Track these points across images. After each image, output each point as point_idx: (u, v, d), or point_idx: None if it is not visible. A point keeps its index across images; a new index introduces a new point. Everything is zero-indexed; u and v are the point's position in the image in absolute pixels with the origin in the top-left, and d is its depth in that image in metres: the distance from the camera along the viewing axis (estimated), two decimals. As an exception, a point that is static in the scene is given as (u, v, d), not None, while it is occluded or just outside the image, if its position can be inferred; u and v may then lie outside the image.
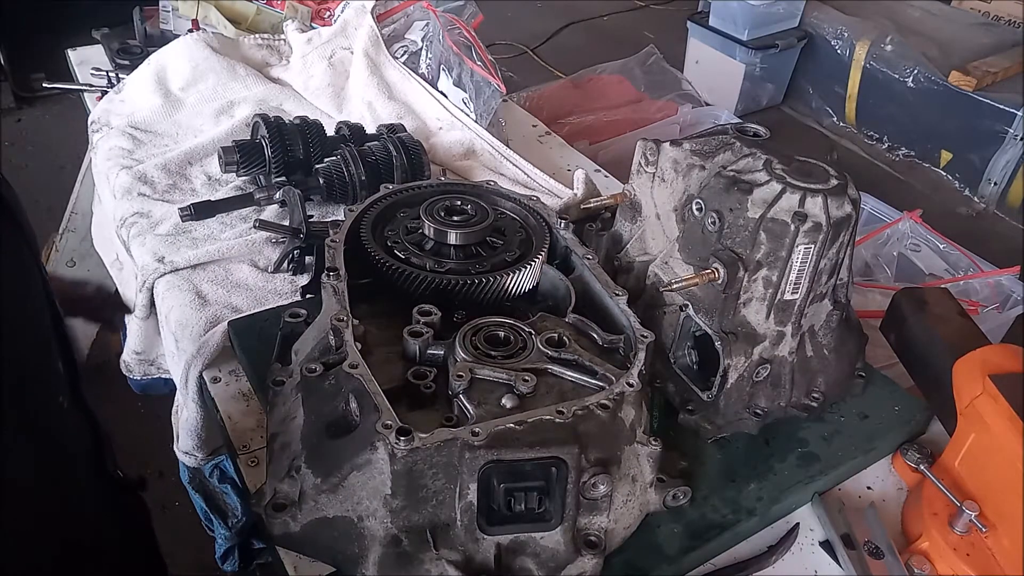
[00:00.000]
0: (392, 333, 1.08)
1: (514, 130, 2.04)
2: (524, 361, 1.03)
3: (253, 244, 1.52)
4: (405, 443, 0.87)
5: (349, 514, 0.93)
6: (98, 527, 1.09)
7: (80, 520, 1.03)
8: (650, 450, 1.02)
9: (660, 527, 1.04)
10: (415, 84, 1.96)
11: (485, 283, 1.15)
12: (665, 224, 1.25)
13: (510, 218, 1.31)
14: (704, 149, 1.20)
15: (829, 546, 1.08)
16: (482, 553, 0.93)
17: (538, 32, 5.35)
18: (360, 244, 1.20)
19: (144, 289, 1.49)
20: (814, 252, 1.07)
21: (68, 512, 1.00)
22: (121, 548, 1.16)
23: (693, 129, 2.45)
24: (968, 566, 1.02)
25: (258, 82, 2.01)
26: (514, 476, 0.90)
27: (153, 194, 1.68)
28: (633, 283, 1.27)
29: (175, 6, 2.18)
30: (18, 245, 0.90)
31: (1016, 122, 3.76)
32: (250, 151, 1.63)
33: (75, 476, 1.03)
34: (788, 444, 1.17)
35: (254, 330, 1.30)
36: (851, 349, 1.24)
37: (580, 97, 2.76)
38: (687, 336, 1.19)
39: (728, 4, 4.36)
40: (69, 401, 1.02)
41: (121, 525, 1.17)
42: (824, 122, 4.64)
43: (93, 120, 1.94)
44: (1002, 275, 1.90)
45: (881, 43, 4.20)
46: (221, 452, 1.48)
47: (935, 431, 1.24)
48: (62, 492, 0.99)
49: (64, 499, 0.99)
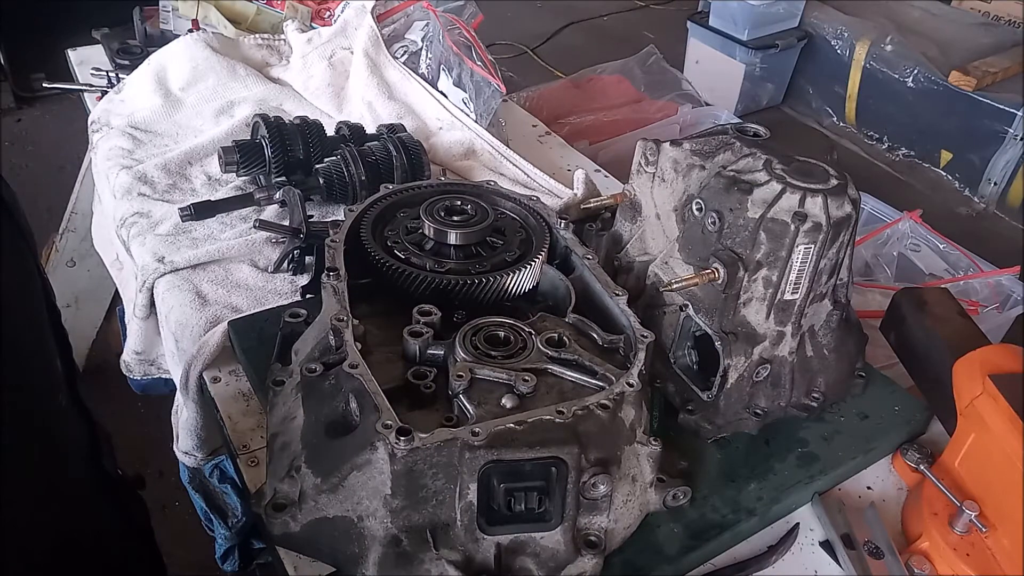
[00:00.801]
0: (392, 333, 1.08)
1: (514, 130, 2.04)
2: (524, 361, 1.03)
3: (253, 244, 1.52)
4: (405, 443, 0.87)
5: (349, 514, 0.93)
6: (96, 525, 1.09)
7: (77, 517, 1.03)
8: (650, 450, 1.02)
9: (660, 527, 1.04)
10: (415, 84, 1.96)
11: (485, 283, 1.15)
12: (665, 224, 1.25)
13: (510, 218, 1.31)
14: (704, 149, 1.20)
15: (829, 546, 1.08)
16: (482, 553, 0.93)
17: (538, 32, 5.35)
18: (360, 244, 1.20)
19: (144, 289, 1.49)
20: (814, 252, 1.07)
21: (65, 510, 1.00)
22: (120, 546, 1.16)
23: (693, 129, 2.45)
24: (968, 566, 1.02)
25: (258, 82, 2.01)
26: (514, 476, 0.90)
27: (153, 194, 1.68)
28: (633, 283, 1.27)
29: (175, 6, 2.18)
30: (17, 245, 0.90)
31: (1016, 122, 3.76)
32: (250, 151, 1.63)
33: (72, 474, 1.04)
34: (788, 444, 1.17)
35: (254, 330, 1.29)
36: (851, 349, 1.24)
37: (580, 97, 2.75)
38: (687, 336, 1.19)
39: (728, 4, 4.36)
40: (67, 400, 1.02)
41: (120, 523, 1.17)
42: (824, 122, 4.64)
43: (93, 120, 1.94)
44: (1002, 275, 1.90)
45: (881, 43, 4.21)
46: (221, 452, 1.48)
47: (935, 431, 1.24)
48: (59, 490, 0.99)
49: (61, 497, 0.99)
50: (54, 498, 0.97)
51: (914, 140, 4.26)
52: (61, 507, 0.99)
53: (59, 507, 0.98)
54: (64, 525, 0.99)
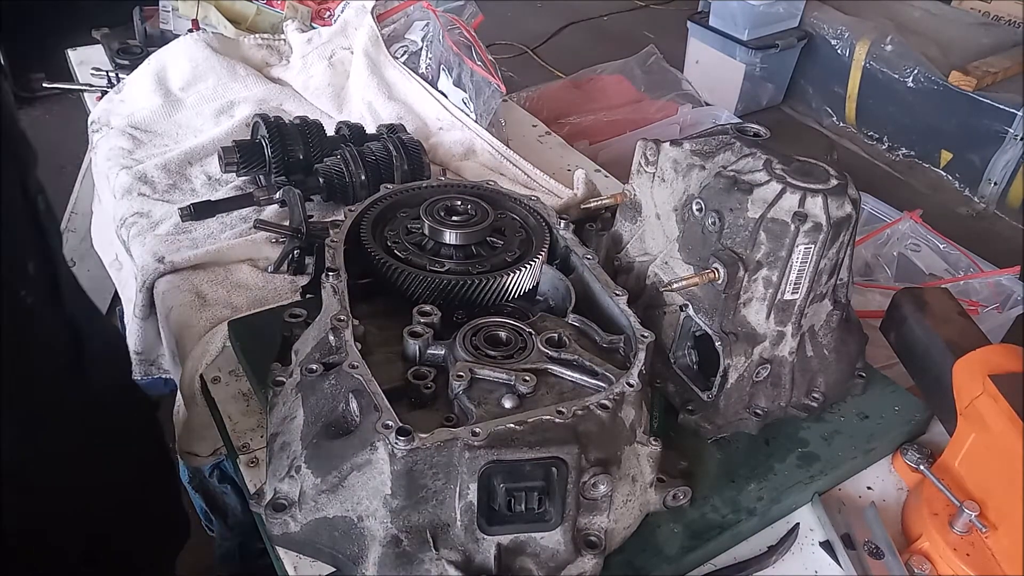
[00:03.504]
0: (392, 333, 1.08)
1: (514, 130, 2.04)
2: (524, 361, 1.03)
3: (253, 244, 1.52)
4: (405, 443, 0.87)
5: (349, 514, 0.93)
6: (78, 426, 1.10)
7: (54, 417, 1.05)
8: (650, 450, 1.02)
9: (660, 527, 1.04)
10: (415, 84, 1.96)
11: (485, 283, 1.15)
12: (665, 224, 1.25)
13: (510, 218, 1.31)
14: (704, 149, 1.20)
15: (829, 546, 1.08)
16: (482, 553, 0.93)
17: (538, 32, 5.35)
18: (360, 244, 1.20)
19: (144, 289, 1.49)
20: (814, 252, 1.07)
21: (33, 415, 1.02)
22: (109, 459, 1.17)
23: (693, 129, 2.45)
24: (968, 566, 1.02)
25: (258, 82, 2.01)
26: (514, 476, 0.90)
27: (153, 194, 1.68)
28: (633, 283, 1.27)
29: (175, 6, 2.18)
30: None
31: (1016, 122, 3.76)
32: (250, 151, 1.63)
33: (43, 379, 1.04)
34: (788, 444, 1.17)
35: (254, 330, 1.29)
36: (851, 349, 1.24)
37: (580, 97, 2.75)
38: (687, 336, 1.19)
39: (728, 4, 4.36)
40: (38, 302, 1.02)
41: (112, 437, 1.18)
42: (824, 122, 4.64)
43: (93, 120, 1.94)
44: (1002, 275, 1.90)
45: (881, 43, 4.20)
46: (221, 452, 1.48)
47: (935, 431, 1.24)
48: (27, 393, 0.99)
49: (29, 402, 1.00)
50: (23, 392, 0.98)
51: (914, 140, 4.26)
52: (28, 412, 1.00)
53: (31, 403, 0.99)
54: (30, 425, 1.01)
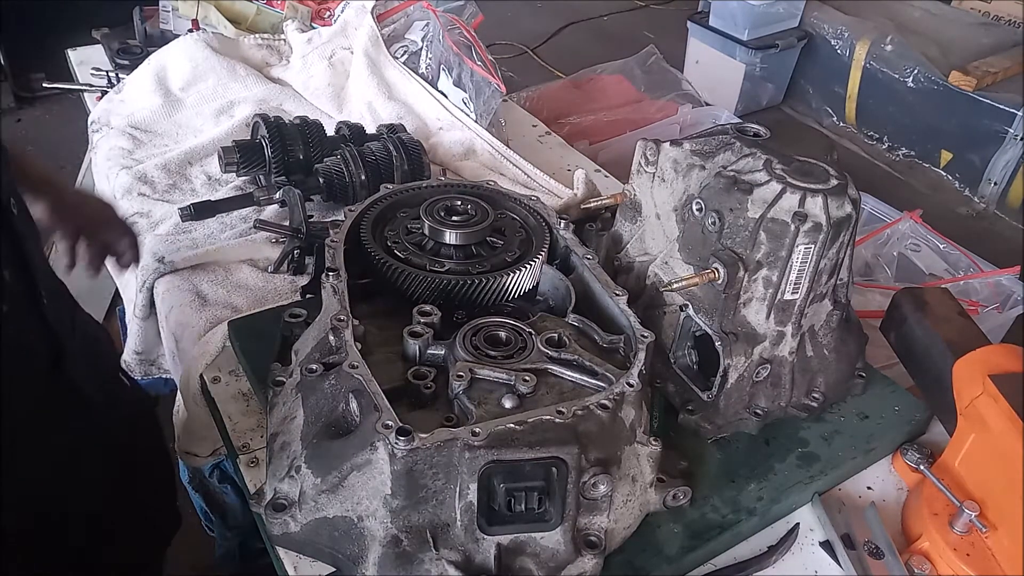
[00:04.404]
0: (392, 333, 1.08)
1: (514, 130, 2.04)
2: (524, 361, 1.03)
3: (253, 244, 1.51)
4: (405, 443, 0.87)
5: (349, 514, 0.93)
6: (58, 436, 1.15)
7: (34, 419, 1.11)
8: (650, 450, 1.02)
9: (660, 527, 1.04)
10: (415, 84, 1.96)
11: (485, 283, 1.15)
12: (665, 224, 1.25)
13: (510, 218, 1.31)
14: (704, 149, 1.20)
15: (829, 546, 1.08)
16: (482, 553, 0.93)
17: (538, 32, 5.35)
18: (360, 244, 1.20)
19: (144, 289, 1.49)
20: (814, 252, 1.07)
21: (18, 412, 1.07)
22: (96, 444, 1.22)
23: (693, 129, 2.45)
24: (968, 566, 1.02)
25: (258, 82, 2.01)
26: (514, 476, 0.90)
27: (153, 194, 1.68)
28: (633, 283, 1.27)
29: (175, 6, 2.19)
30: None
31: (1016, 122, 3.76)
32: (250, 151, 1.63)
33: (19, 381, 1.07)
34: (788, 444, 1.17)
35: (254, 330, 1.29)
36: (851, 349, 1.24)
37: (580, 97, 2.75)
38: (687, 336, 1.19)
39: (728, 4, 4.36)
40: (16, 308, 1.05)
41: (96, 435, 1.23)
42: (824, 122, 4.63)
43: (93, 120, 1.94)
44: (1002, 275, 1.89)
45: (881, 43, 4.20)
46: (221, 452, 1.48)
47: (935, 431, 1.24)
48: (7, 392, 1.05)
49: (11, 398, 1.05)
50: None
51: (914, 140, 4.26)
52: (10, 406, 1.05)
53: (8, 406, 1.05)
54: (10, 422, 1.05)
